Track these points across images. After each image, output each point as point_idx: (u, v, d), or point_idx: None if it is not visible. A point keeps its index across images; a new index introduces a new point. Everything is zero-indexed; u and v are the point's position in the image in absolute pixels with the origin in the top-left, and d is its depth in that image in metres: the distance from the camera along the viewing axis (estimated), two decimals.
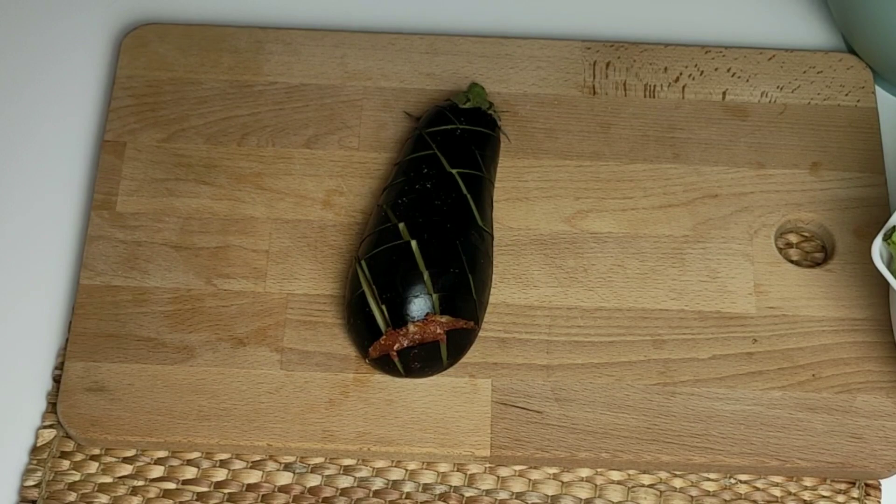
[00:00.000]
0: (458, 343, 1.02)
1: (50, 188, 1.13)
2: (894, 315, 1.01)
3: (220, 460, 1.03)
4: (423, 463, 1.03)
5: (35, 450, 1.03)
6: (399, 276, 1.01)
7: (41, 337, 1.07)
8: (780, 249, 1.10)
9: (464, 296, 1.02)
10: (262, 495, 1.02)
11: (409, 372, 1.02)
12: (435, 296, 1.01)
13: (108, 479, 1.02)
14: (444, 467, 1.03)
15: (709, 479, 1.03)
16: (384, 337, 1.01)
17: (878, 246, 0.99)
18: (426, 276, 1.01)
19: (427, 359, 1.02)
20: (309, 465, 1.03)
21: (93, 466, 1.02)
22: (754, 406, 1.03)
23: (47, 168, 1.14)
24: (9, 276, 1.09)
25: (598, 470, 1.03)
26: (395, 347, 1.01)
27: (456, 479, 1.03)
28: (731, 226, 1.10)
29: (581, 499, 1.02)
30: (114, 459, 1.03)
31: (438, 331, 1.01)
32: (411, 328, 1.00)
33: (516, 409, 1.03)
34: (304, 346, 1.05)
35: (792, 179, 1.12)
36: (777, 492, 1.02)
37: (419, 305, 1.01)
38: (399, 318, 1.00)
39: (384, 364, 1.02)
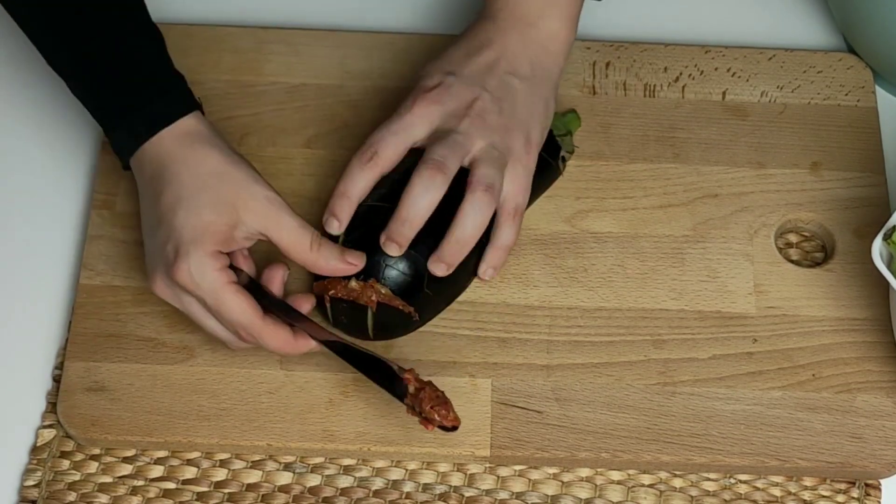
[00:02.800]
0: (387, 320, 1.02)
1: (50, 188, 1.13)
2: (894, 315, 1.01)
3: (220, 460, 1.03)
4: (423, 463, 1.03)
5: (35, 450, 1.03)
6: (369, 232, 1.01)
7: (41, 337, 1.07)
8: (780, 249, 1.10)
9: (416, 283, 1.02)
10: (262, 495, 1.02)
11: (337, 323, 1.03)
12: (390, 269, 1.01)
13: (108, 479, 1.02)
14: (444, 467, 1.03)
15: (709, 479, 1.03)
16: (328, 280, 1.01)
17: (878, 246, 0.99)
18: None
19: (352, 319, 1.02)
20: (309, 465, 1.03)
21: (93, 466, 1.02)
22: (754, 406, 1.03)
23: (48, 168, 1.14)
24: (9, 275, 1.09)
25: (598, 470, 1.03)
26: (329, 292, 1.01)
27: (456, 479, 1.03)
28: (731, 226, 1.10)
29: (581, 499, 1.02)
30: (114, 459, 1.03)
31: (373, 298, 1.01)
32: (352, 283, 1.01)
33: (516, 408, 1.03)
34: None
35: (792, 179, 1.12)
36: (777, 492, 1.02)
37: (370, 268, 1.01)
38: None
39: (321, 307, 1.03)
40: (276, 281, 1.02)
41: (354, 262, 1.00)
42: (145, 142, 0.99)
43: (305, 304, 1.02)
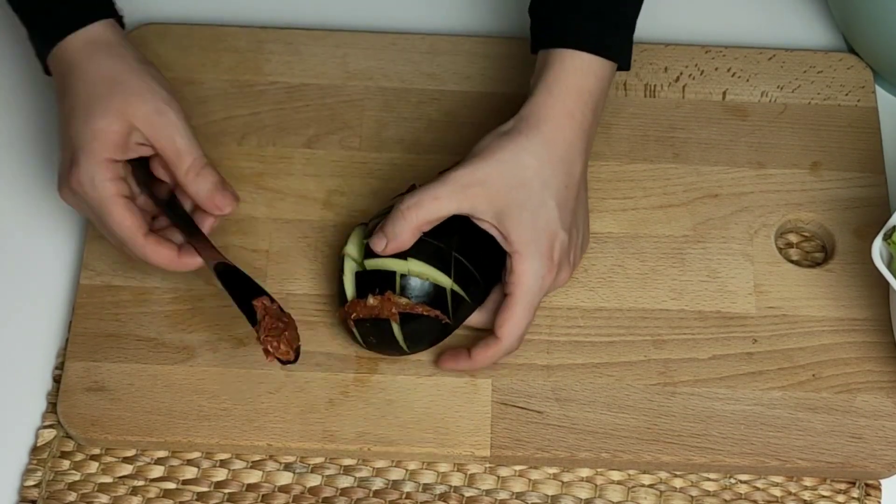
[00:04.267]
0: (417, 329, 1.01)
1: (50, 187, 1.13)
2: (894, 315, 1.01)
3: (220, 460, 1.03)
4: (423, 463, 1.03)
5: (35, 450, 1.03)
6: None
7: (41, 337, 1.07)
8: (780, 249, 1.10)
9: (437, 287, 1.00)
10: (262, 495, 1.02)
11: (368, 345, 1.02)
12: (405, 277, 1.00)
13: (108, 479, 1.02)
14: (444, 467, 1.03)
15: (709, 479, 1.03)
16: (348, 304, 1.01)
17: (878, 246, 0.99)
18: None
19: (381, 336, 1.01)
20: (309, 465, 1.03)
21: (93, 466, 1.02)
22: (754, 406, 1.03)
23: (48, 168, 1.14)
24: (9, 275, 1.09)
25: (599, 470, 1.03)
26: (352, 316, 1.01)
27: (456, 479, 1.03)
28: (731, 226, 1.10)
29: (581, 499, 1.02)
30: (114, 459, 1.03)
31: (393, 310, 1.00)
32: (370, 300, 1.00)
33: (516, 409, 1.03)
34: (304, 346, 1.05)
35: (792, 179, 1.12)
36: (777, 492, 1.02)
37: (384, 281, 1.00)
38: (364, 288, 1.01)
39: (349, 331, 1.02)
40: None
41: (220, 203, 1.00)
42: (54, 45, 1.00)
43: (207, 220, 1.02)
